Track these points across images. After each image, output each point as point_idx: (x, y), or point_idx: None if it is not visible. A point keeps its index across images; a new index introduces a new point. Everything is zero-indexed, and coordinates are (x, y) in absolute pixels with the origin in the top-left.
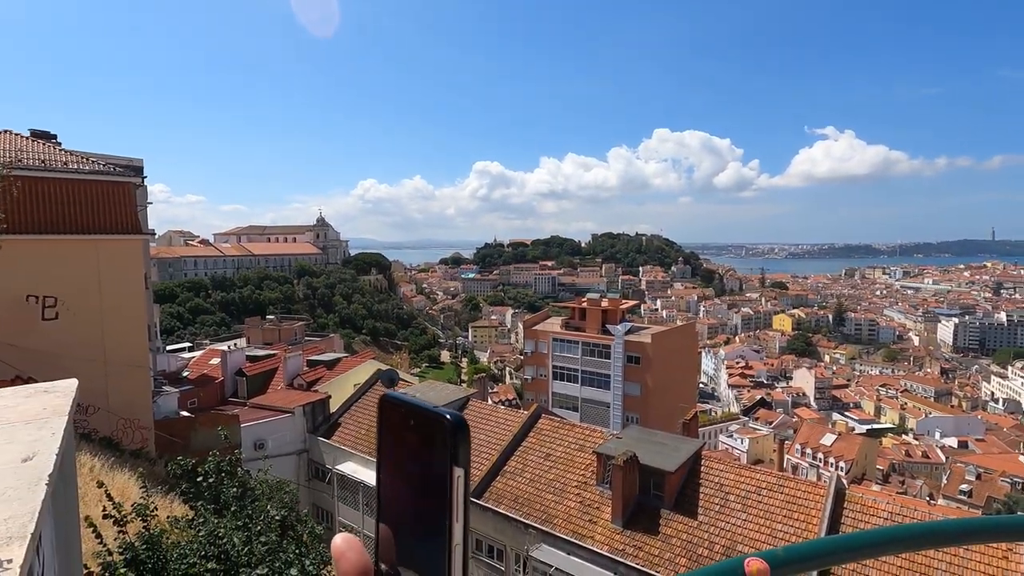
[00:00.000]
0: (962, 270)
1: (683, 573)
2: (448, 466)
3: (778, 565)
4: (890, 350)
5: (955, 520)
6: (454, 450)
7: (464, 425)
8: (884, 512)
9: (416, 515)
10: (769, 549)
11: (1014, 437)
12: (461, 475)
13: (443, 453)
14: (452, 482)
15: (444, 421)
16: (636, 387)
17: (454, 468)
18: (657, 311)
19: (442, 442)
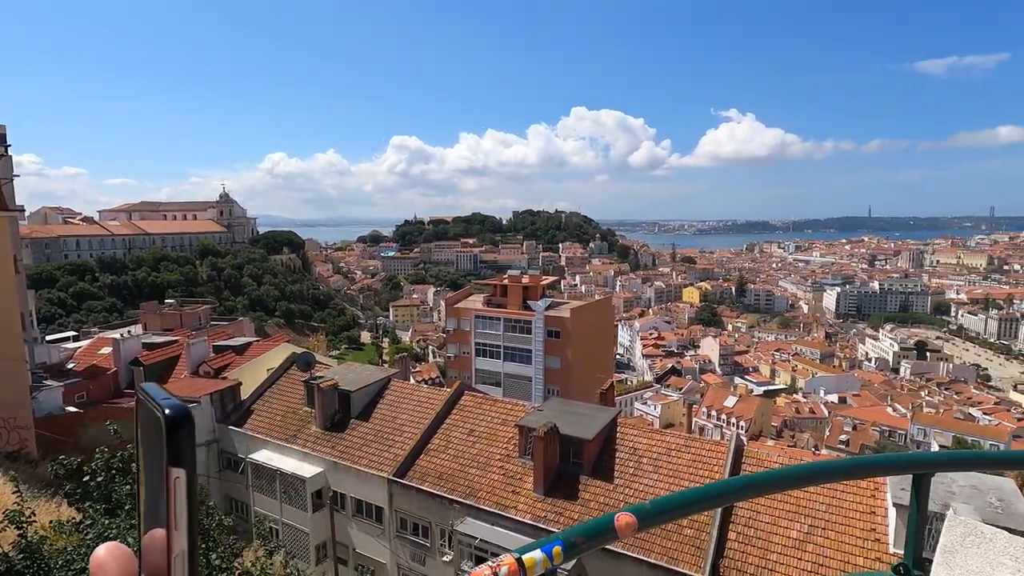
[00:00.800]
0: (844, 244)
1: (562, 530)
2: (164, 467)
3: (645, 517)
4: (784, 318)
5: (796, 466)
6: (172, 449)
7: (184, 419)
8: (776, 464)
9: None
10: (639, 503)
11: (883, 391)
12: (181, 477)
13: (160, 453)
14: (169, 485)
15: (160, 415)
16: (557, 360)
17: (171, 469)
18: (576, 286)
19: (158, 440)
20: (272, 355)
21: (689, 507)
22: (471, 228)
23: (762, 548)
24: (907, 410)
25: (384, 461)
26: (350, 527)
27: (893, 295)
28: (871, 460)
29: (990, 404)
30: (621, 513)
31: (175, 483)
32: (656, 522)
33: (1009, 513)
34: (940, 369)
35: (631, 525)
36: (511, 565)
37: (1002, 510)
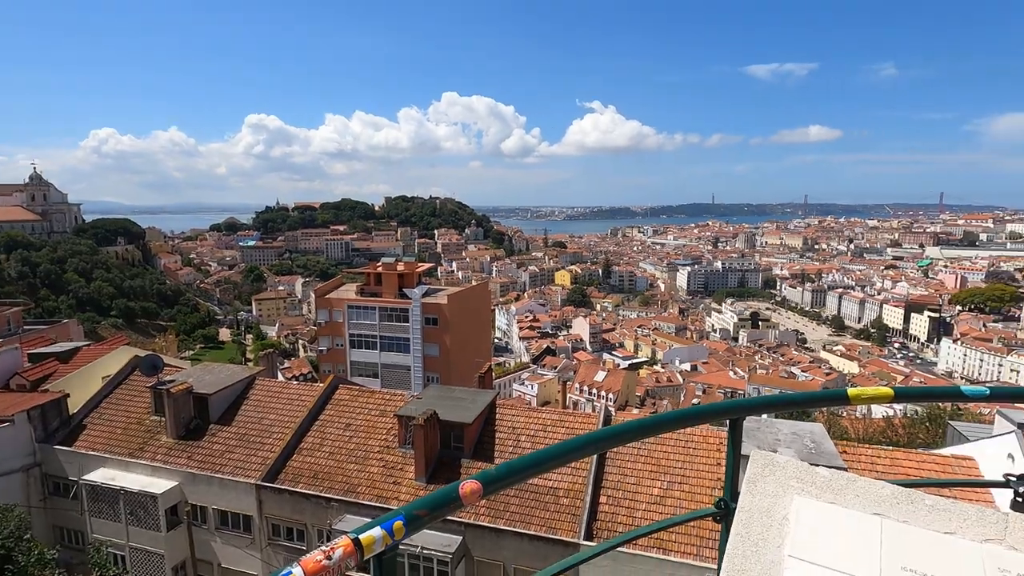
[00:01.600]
0: (693, 228)
1: (409, 503)
2: None
3: (490, 482)
4: (644, 296)
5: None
6: None
7: None
8: None
9: None
10: (483, 470)
11: (726, 357)
12: None
13: None
14: None
15: None
16: (435, 348)
17: None
18: (453, 273)
19: None
20: (107, 360)
21: (531, 468)
22: (341, 215)
23: (629, 507)
24: (745, 372)
25: (251, 466)
26: (213, 542)
27: (732, 273)
28: (693, 411)
29: (806, 363)
30: (466, 481)
31: None
32: (502, 486)
33: (820, 452)
34: (769, 335)
35: (476, 492)
36: (346, 547)
37: (815, 450)
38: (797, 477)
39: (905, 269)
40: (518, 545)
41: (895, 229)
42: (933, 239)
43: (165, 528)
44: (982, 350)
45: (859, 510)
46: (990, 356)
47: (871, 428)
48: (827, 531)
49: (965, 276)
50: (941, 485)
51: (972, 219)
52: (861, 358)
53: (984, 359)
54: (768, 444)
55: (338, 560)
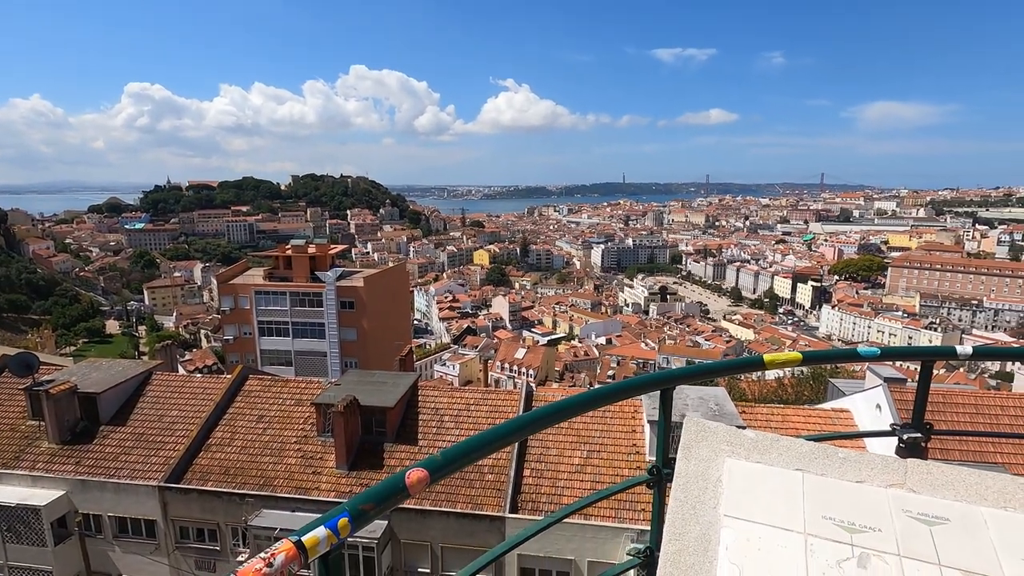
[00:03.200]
0: (605, 207)
1: (348, 500)
2: None
3: (436, 469)
4: (561, 274)
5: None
6: None
7: None
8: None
9: None
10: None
11: (638, 330)
12: None
13: None
14: None
15: None
16: (352, 332)
17: None
18: (369, 254)
19: None
20: None
21: (478, 451)
22: (243, 194)
23: (551, 478)
24: (655, 343)
25: (151, 467)
26: (111, 551)
27: (643, 249)
28: (630, 383)
29: (709, 332)
30: (412, 470)
31: None
32: (448, 471)
33: (723, 413)
34: (676, 308)
35: (423, 480)
36: (289, 551)
37: (718, 411)
38: (727, 440)
39: (792, 243)
40: (444, 524)
41: (784, 207)
42: (815, 216)
43: (52, 542)
44: (855, 314)
45: (783, 467)
46: (861, 320)
47: (765, 389)
48: (757, 489)
49: (842, 249)
50: (843, 438)
51: (847, 197)
52: (756, 326)
53: (856, 322)
54: (678, 409)
55: (280, 566)
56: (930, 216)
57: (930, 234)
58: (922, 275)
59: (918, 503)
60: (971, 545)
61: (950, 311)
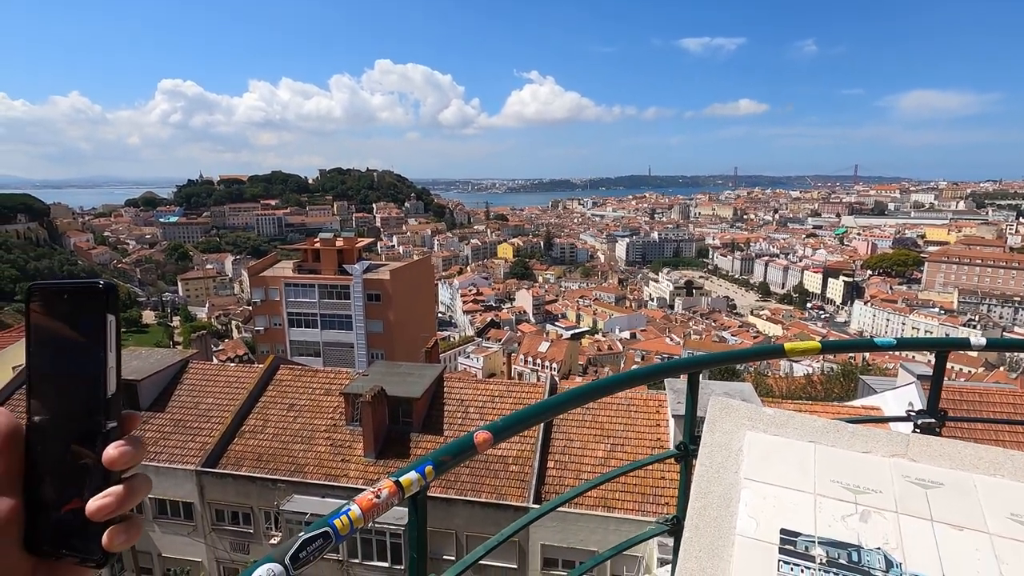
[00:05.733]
0: (630, 200)
1: (430, 452)
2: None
3: (498, 431)
4: (585, 268)
5: (607, 378)
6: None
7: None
8: None
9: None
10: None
11: (663, 325)
12: (114, 319)
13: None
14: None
15: (98, 284)
16: (379, 324)
17: (108, 316)
18: (394, 247)
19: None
20: (16, 349)
21: (530, 419)
22: (272, 188)
23: (575, 470)
24: (680, 338)
25: (189, 452)
26: (152, 531)
27: (668, 243)
28: (660, 366)
29: (736, 327)
30: (479, 432)
31: (111, 324)
32: (507, 435)
33: None
34: (702, 303)
35: (487, 440)
36: (391, 488)
37: None
38: (748, 416)
39: (823, 237)
40: (469, 513)
41: (815, 199)
42: (848, 208)
43: None
44: (888, 311)
45: (797, 439)
46: (895, 316)
47: (793, 385)
48: (773, 457)
49: (875, 243)
50: (859, 422)
51: (882, 190)
52: (784, 321)
53: (890, 319)
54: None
55: (385, 499)
56: (971, 209)
57: (970, 228)
58: (961, 270)
59: (916, 470)
60: (961, 505)
61: (990, 308)
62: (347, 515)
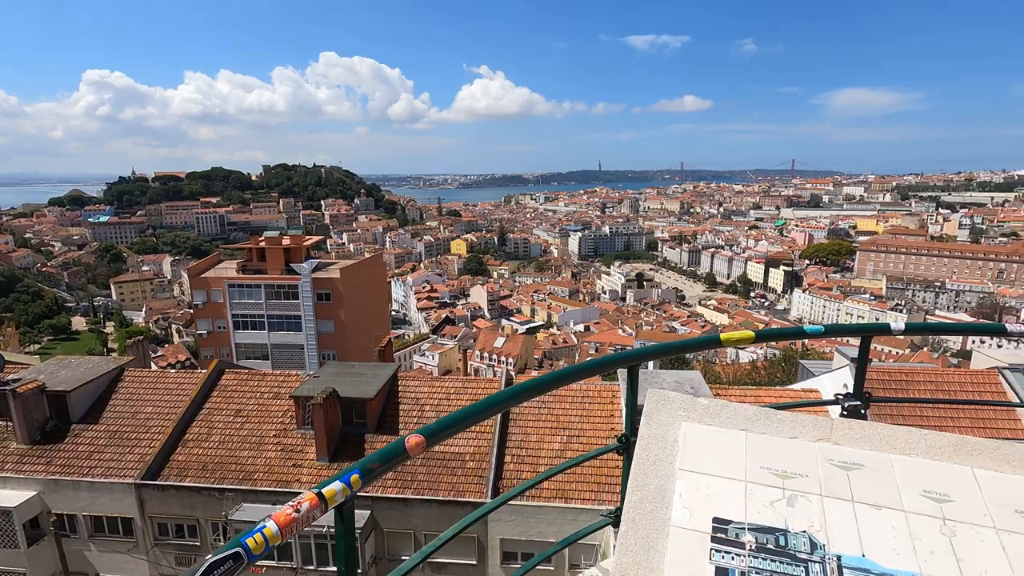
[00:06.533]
0: (582, 195)
1: (358, 460)
2: None
3: (432, 434)
4: (539, 262)
5: (539, 377)
6: None
7: None
8: None
9: None
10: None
11: (615, 317)
12: None
13: None
14: None
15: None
16: (330, 324)
17: None
18: (344, 245)
19: None
20: None
21: (467, 419)
22: (213, 185)
23: (532, 463)
24: (632, 330)
25: (127, 465)
26: (88, 551)
27: (619, 237)
28: (597, 361)
29: (685, 317)
30: (410, 436)
31: None
32: (442, 437)
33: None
34: (653, 294)
35: (420, 444)
36: (312, 500)
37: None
38: (684, 407)
39: (765, 229)
40: (427, 512)
41: (756, 193)
42: (787, 201)
43: (25, 544)
44: (825, 298)
45: (730, 428)
46: (831, 303)
47: (739, 371)
48: (708, 447)
49: (812, 234)
50: (788, 407)
51: (817, 183)
52: (730, 310)
53: (826, 305)
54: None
55: (305, 512)
56: (896, 201)
57: (896, 218)
58: (888, 258)
59: (839, 453)
60: (879, 485)
61: (915, 293)
62: (262, 533)
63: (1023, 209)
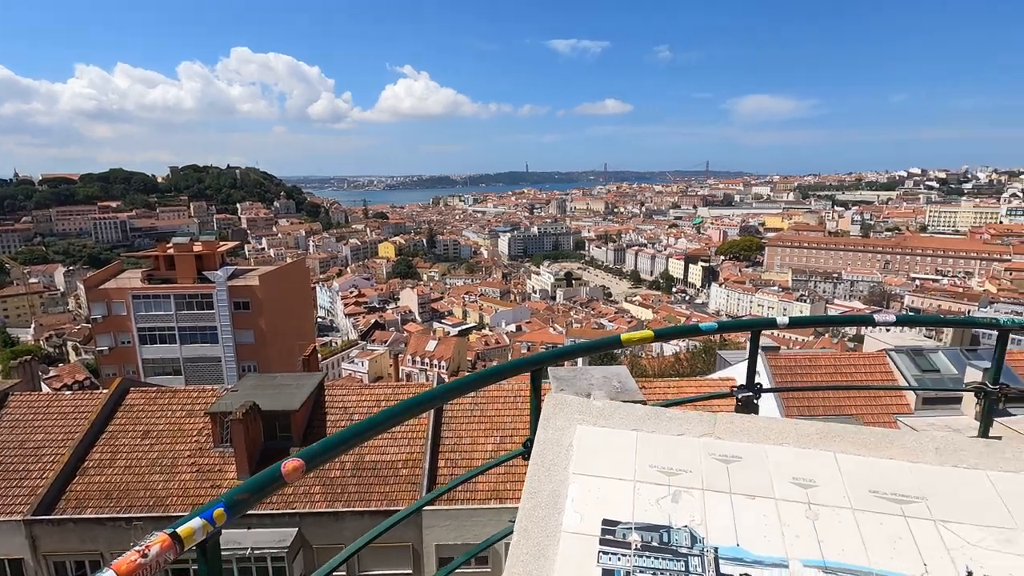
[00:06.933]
0: (510, 196)
1: (231, 488)
2: None
3: (313, 457)
4: (469, 264)
5: (455, 381)
6: None
7: None
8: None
9: None
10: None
11: (546, 316)
12: None
13: None
14: None
15: None
16: (249, 334)
17: None
18: (264, 250)
19: None
20: None
21: (353, 439)
22: (112, 188)
23: (465, 466)
24: (563, 328)
25: (14, 501)
26: None
27: (548, 237)
28: (500, 367)
29: (612, 314)
30: (288, 460)
31: None
32: (325, 459)
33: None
34: (581, 292)
35: (298, 468)
36: (163, 542)
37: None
38: (579, 411)
39: (684, 227)
40: (359, 524)
41: (675, 193)
42: (702, 201)
43: None
44: (739, 291)
45: (622, 429)
46: (744, 295)
47: (664, 364)
48: (600, 449)
49: (726, 231)
50: (684, 403)
51: (729, 183)
52: (654, 306)
53: (740, 298)
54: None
55: (155, 556)
56: (798, 200)
57: (798, 216)
58: (792, 253)
59: (721, 447)
60: (754, 475)
61: (816, 284)
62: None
63: (903, 206)
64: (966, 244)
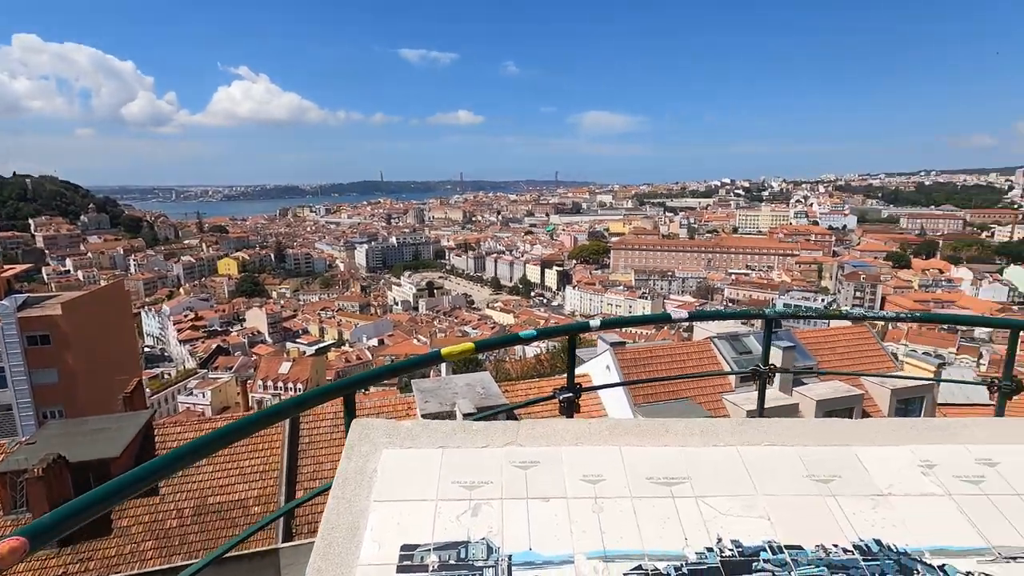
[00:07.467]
0: (366, 206)
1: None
2: None
3: (41, 532)
4: (324, 278)
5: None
6: None
7: None
8: (330, 413)
9: None
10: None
11: (409, 327)
12: None
13: None
14: None
15: None
16: (51, 373)
17: None
18: (69, 273)
19: None
20: None
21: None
22: None
23: (326, 496)
24: (427, 338)
25: None
26: None
27: (407, 247)
28: (307, 395)
29: (476, 321)
30: (6, 539)
31: None
32: (56, 533)
33: (488, 395)
34: (444, 301)
35: (16, 549)
36: None
37: (485, 394)
38: (387, 433)
39: (538, 234)
40: (209, 573)
41: (528, 202)
42: (554, 209)
43: None
44: (590, 292)
45: (428, 447)
46: (596, 296)
47: (526, 365)
48: (404, 471)
49: (576, 237)
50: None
51: (577, 192)
52: (515, 311)
53: (592, 299)
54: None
55: None
56: (636, 207)
57: (637, 221)
58: (634, 255)
59: (521, 454)
60: (550, 477)
61: (655, 282)
62: None
63: (719, 211)
64: (767, 243)
